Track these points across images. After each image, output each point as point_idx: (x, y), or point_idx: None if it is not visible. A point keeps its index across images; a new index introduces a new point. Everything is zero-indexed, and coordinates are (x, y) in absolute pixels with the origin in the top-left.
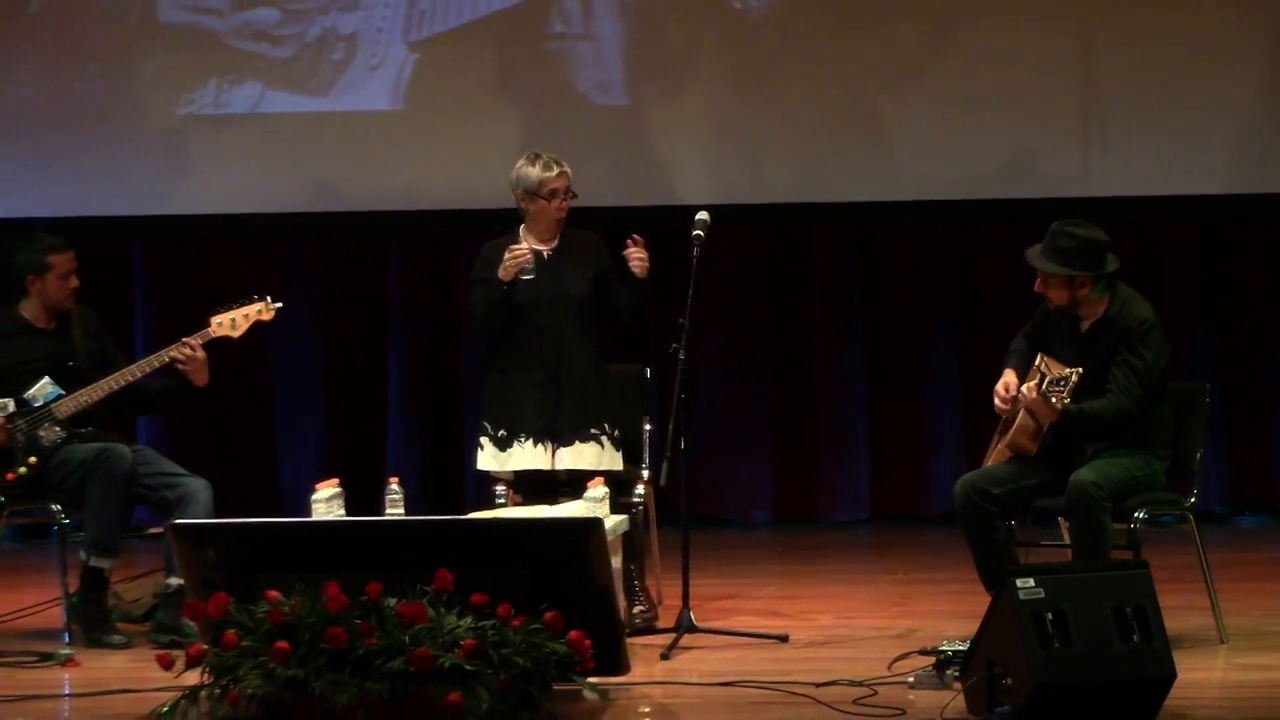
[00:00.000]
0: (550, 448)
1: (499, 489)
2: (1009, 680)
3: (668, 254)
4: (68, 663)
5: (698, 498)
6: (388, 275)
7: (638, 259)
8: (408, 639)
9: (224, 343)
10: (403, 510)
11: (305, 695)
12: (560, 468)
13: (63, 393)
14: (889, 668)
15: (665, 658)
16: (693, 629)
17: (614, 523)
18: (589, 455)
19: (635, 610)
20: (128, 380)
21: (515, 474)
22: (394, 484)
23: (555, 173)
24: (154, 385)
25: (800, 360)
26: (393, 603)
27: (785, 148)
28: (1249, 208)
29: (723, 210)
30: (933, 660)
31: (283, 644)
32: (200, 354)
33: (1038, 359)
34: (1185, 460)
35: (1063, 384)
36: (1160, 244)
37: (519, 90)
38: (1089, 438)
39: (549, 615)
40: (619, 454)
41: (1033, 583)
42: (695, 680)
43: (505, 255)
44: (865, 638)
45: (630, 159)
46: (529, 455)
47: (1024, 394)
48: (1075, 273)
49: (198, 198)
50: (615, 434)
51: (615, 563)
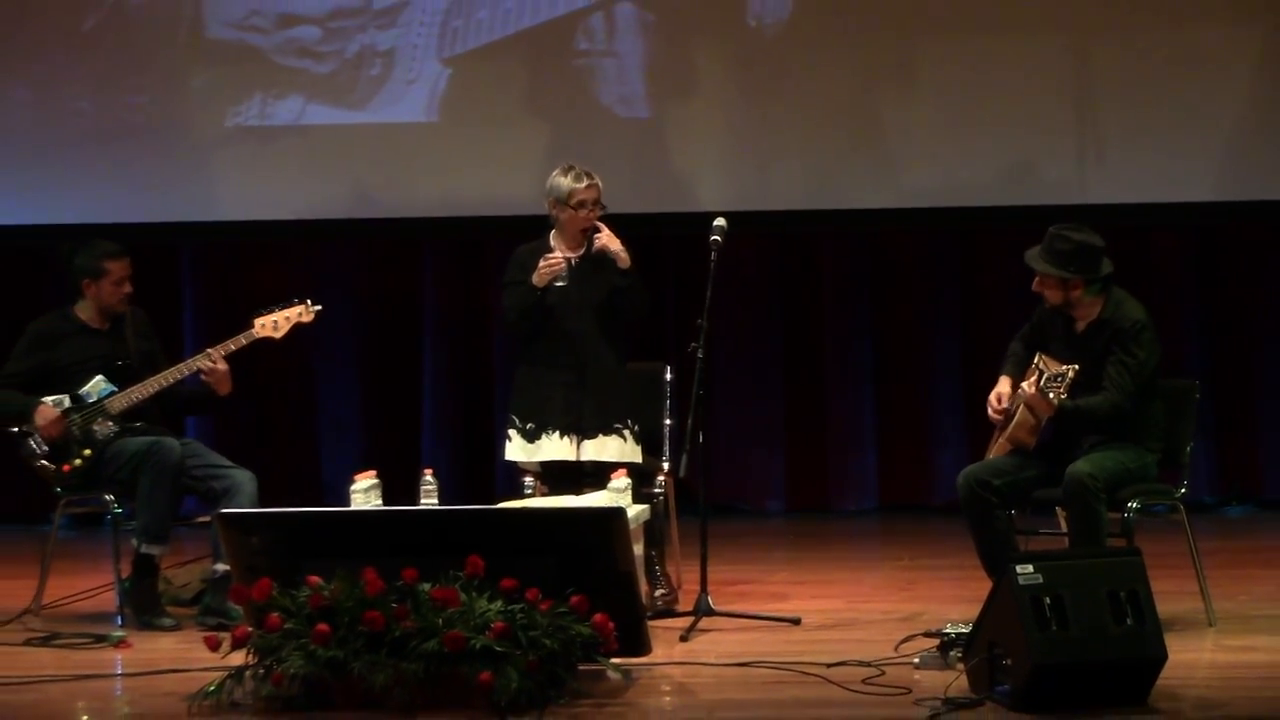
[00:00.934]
0: (575, 441)
1: (527, 480)
2: (1009, 661)
3: (687, 258)
4: (120, 644)
5: (715, 488)
6: (422, 278)
7: (600, 246)
8: (441, 622)
9: (266, 343)
10: (436, 500)
11: (344, 675)
12: (585, 459)
13: (115, 389)
14: (895, 649)
15: (684, 639)
16: (710, 612)
17: (636, 512)
18: (612, 448)
19: (656, 594)
20: (174, 379)
21: (542, 465)
22: (428, 475)
23: (585, 185)
24: (183, 391)
25: (811, 358)
26: (427, 587)
27: (797, 158)
28: (1237, 214)
29: (738, 217)
30: (937, 642)
31: (323, 626)
32: (222, 366)
33: (1036, 358)
34: (1176, 453)
35: (1060, 380)
36: (1153, 248)
37: (546, 103)
38: (1085, 432)
39: (574, 599)
40: (639, 447)
41: (1032, 569)
42: (712, 661)
43: (540, 263)
44: (873, 621)
45: (651, 168)
46: (555, 447)
47: (1023, 390)
48: (1068, 275)
49: (244, 205)
50: (635, 428)
51: (637, 549)
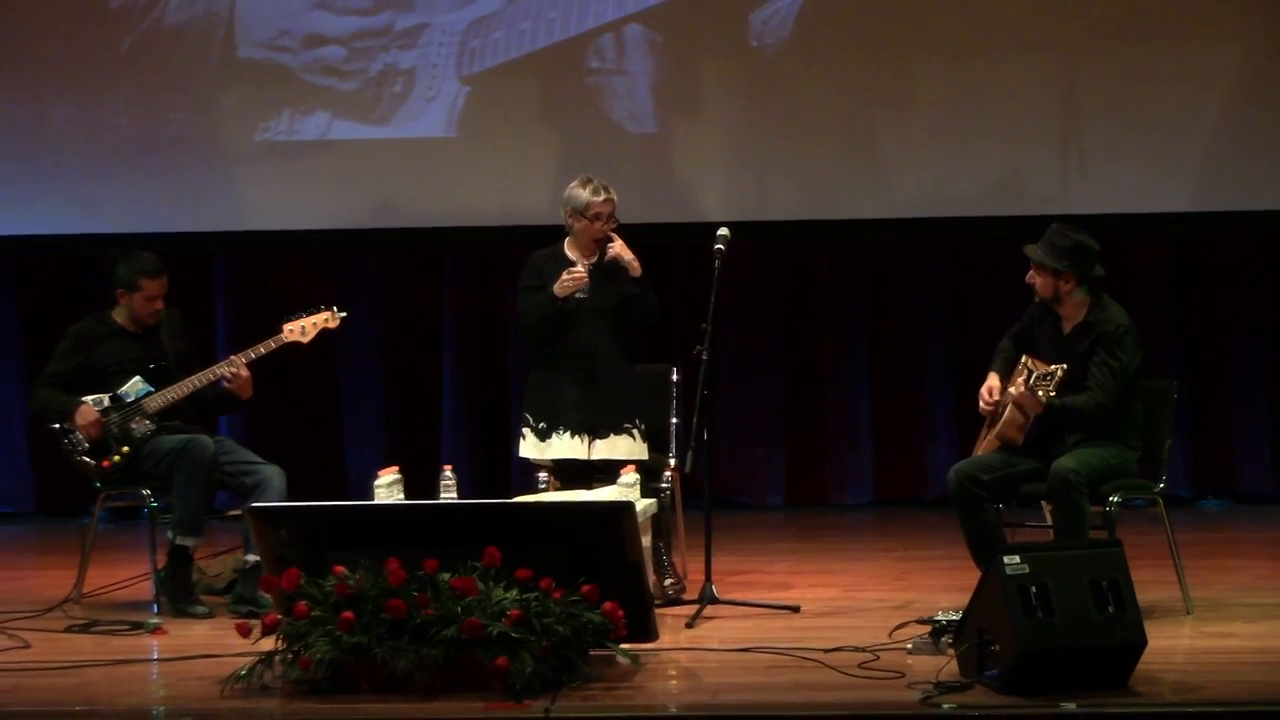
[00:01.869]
0: (587, 440)
1: (541, 475)
2: (997, 647)
3: (692, 266)
4: (156, 631)
5: (719, 483)
6: (442, 285)
7: (613, 255)
8: (460, 609)
9: (294, 347)
10: (455, 495)
11: (368, 660)
12: (595, 458)
13: (151, 390)
14: (890, 635)
15: (690, 626)
16: (714, 600)
17: (644, 505)
18: (622, 447)
19: (664, 583)
20: (205, 383)
21: (554, 462)
22: (448, 471)
23: (602, 198)
24: (211, 392)
25: (810, 360)
26: (446, 577)
27: (796, 171)
28: (1214, 224)
29: (741, 227)
30: (929, 629)
31: (348, 614)
32: (244, 373)
33: (1022, 360)
34: (1155, 450)
35: (1049, 379)
36: (1134, 257)
37: (559, 119)
38: (1069, 429)
39: (586, 588)
40: (645, 445)
41: (1018, 559)
42: (716, 646)
43: (564, 275)
44: (868, 609)
45: (658, 181)
46: (567, 446)
47: (1013, 389)
48: (1061, 268)
49: (273, 215)
50: (643, 427)
51: (645, 541)
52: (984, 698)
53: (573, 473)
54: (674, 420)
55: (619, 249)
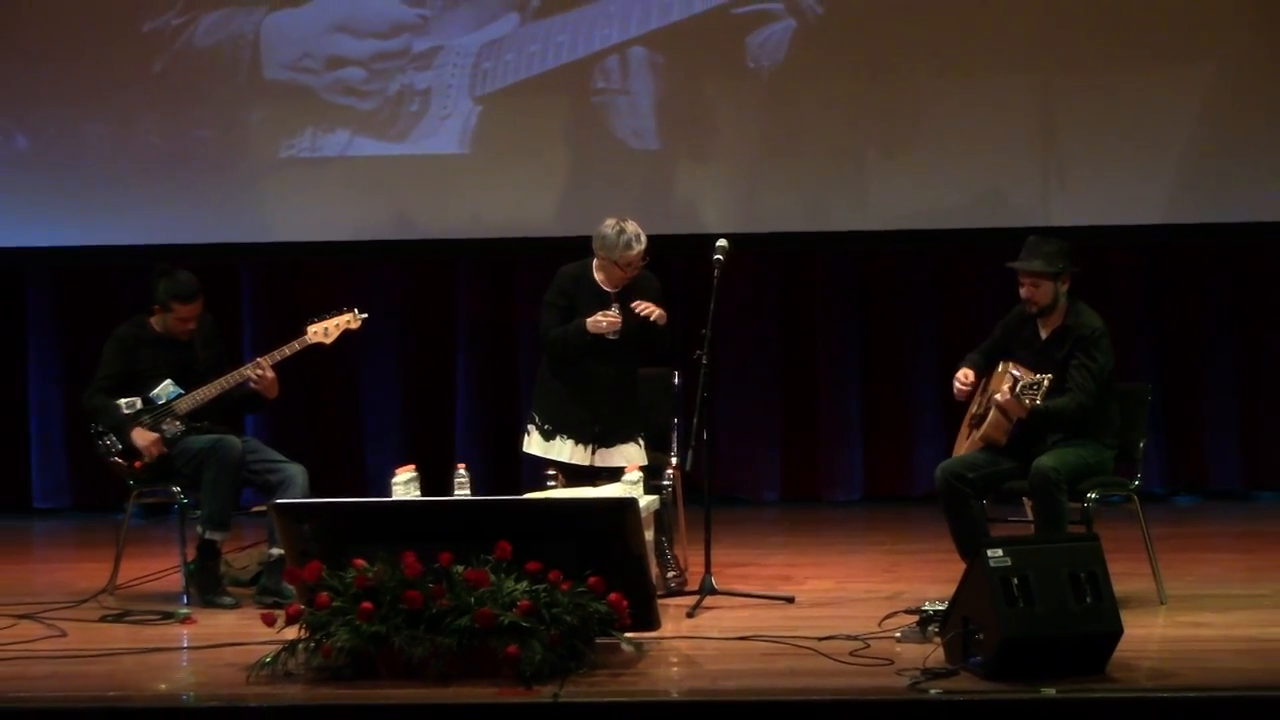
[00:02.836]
0: (592, 449)
1: (550, 473)
2: (981, 635)
3: (693, 275)
4: (186, 620)
5: (718, 480)
6: (456, 293)
7: (645, 312)
8: (473, 600)
9: (317, 348)
10: (469, 491)
11: (387, 648)
12: (600, 465)
13: (182, 392)
14: (879, 625)
15: (691, 616)
16: (714, 592)
17: (647, 502)
18: (624, 455)
19: (666, 575)
20: (232, 384)
21: (561, 465)
22: (461, 469)
23: (635, 251)
24: (236, 394)
25: (804, 364)
26: (460, 569)
27: (791, 185)
28: (1186, 235)
29: (739, 238)
30: (917, 618)
31: (367, 604)
32: (270, 374)
33: (1001, 365)
34: (1130, 449)
35: (1035, 388)
36: (1110, 266)
37: (567, 136)
38: (1052, 430)
39: (592, 580)
40: (645, 454)
41: (1001, 552)
42: (716, 635)
43: (601, 316)
44: (859, 599)
45: (660, 194)
46: (572, 452)
47: (999, 396)
48: (1059, 270)
49: (296, 227)
50: (645, 438)
51: (648, 536)
52: (968, 683)
53: (578, 473)
54: (676, 421)
55: (647, 308)
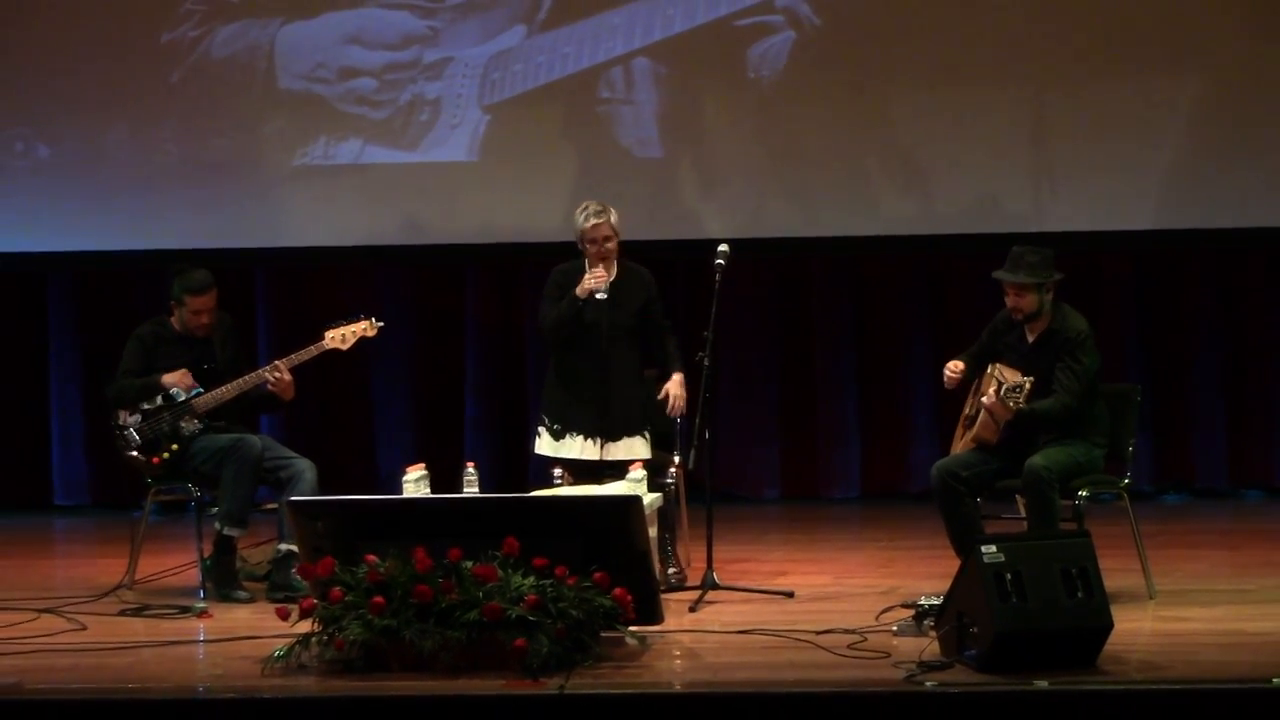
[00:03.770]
0: (600, 443)
1: (556, 472)
2: (975, 629)
3: (695, 279)
4: (202, 614)
5: (719, 478)
6: (465, 297)
7: (674, 402)
8: (481, 595)
9: (332, 354)
10: (477, 489)
11: (397, 641)
12: (607, 459)
13: (201, 391)
14: (876, 619)
15: (693, 610)
16: (715, 587)
17: (651, 499)
18: (630, 449)
19: (669, 571)
20: (250, 385)
21: (569, 461)
22: (470, 467)
23: (591, 224)
24: (253, 394)
25: (803, 365)
26: (469, 565)
27: (791, 192)
28: (1174, 241)
29: (740, 243)
30: (913, 613)
31: (379, 599)
32: (287, 377)
33: (990, 368)
34: (1120, 448)
35: (1019, 391)
36: (1101, 270)
37: (573, 145)
38: (1040, 431)
39: (597, 575)
40: (650, 448)
41: (995, 549)
42: (717, 629)
43: (587, 275)
44: (857, 594)
45: (663, 201)
46: (580, 448)
47: (985, 399)
48: (1045, 278)
49: (310, 233)
50: (650, 433)
51: (652, 532)
52: (963, 676)
53: (585, 470)
54: (678, 421)
55: (676, 395)
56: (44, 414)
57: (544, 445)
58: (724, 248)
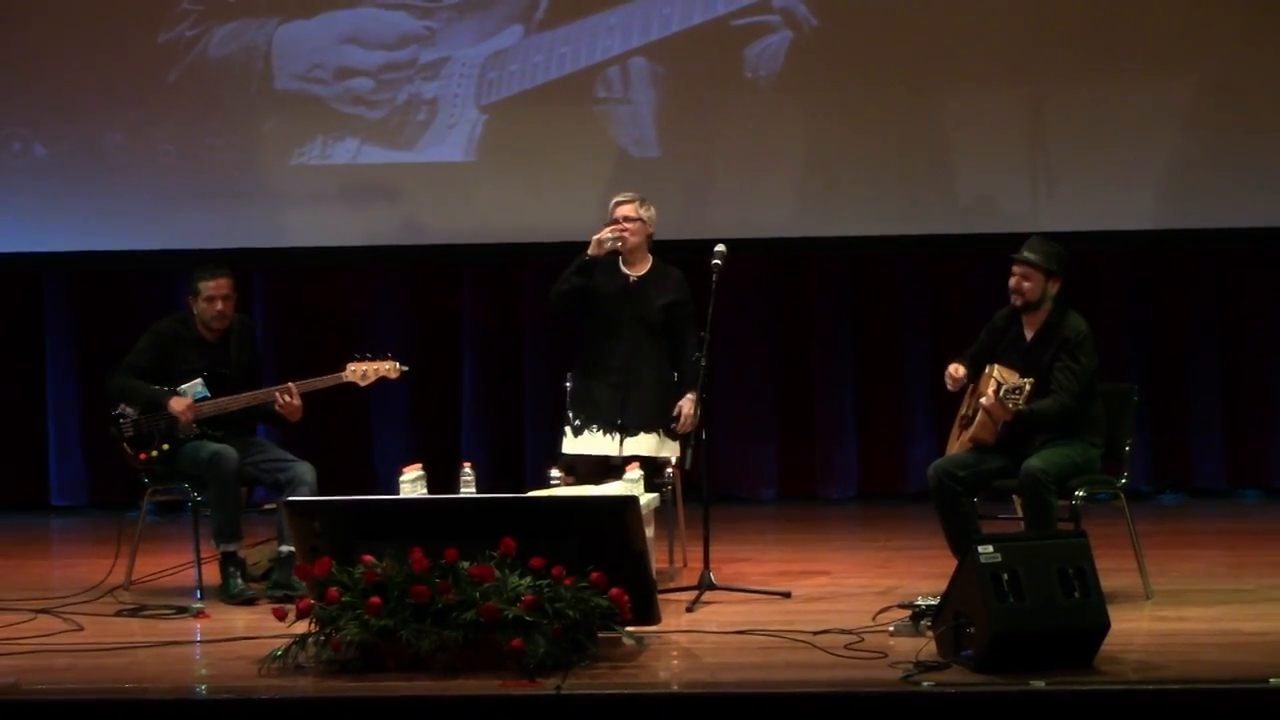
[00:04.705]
0: (618, 438)
1: (553, 472)
2: (972, 629)
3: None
4: (199, 615)
5: (716, 479)
6: (462, 297)
7: (684, 421)
8: (478, 595)
9: (349, 388)
10: (474, 489)
11: (394, 641)
12: (626, 454)
13: (209, 395)
14: (873, 619)
15: (690, 610)
16: (712, 587)
17: (648, 499)
18: (648, 444)
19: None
20: (260, 401)
21: (587, 456)
22: (467, 468)
23: (617, 200)
24: (260, 410)
25: (801, 365)
26: (466, 565)
27: (788, 191)
28: (1171, 241)
29: (737, 243)
30: (910, 613)
31: (376, 599)
32: (296, 401)
33: (988, 369)
34: (1117, 448)
35: (1018, 392)
36: (1098, 270)
37: (570, 144)
38: (1037, 431)
39: (594, 575)
40: (674, 443)
41: (991, 549)
42: (714, 629)
43: (605, 229)
44: (854, 594)
45: (660, 201)
46: (599, 442)
47: (984, 400)
48: (1054, 269)
49: (307, 233)
50: (665, 426)
51: (649, 532)
52: (960, 676)
53: (597, 468)
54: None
55: (686, 414)
56: (41, 414)
57: (568, 443)
58: (721, 247)
